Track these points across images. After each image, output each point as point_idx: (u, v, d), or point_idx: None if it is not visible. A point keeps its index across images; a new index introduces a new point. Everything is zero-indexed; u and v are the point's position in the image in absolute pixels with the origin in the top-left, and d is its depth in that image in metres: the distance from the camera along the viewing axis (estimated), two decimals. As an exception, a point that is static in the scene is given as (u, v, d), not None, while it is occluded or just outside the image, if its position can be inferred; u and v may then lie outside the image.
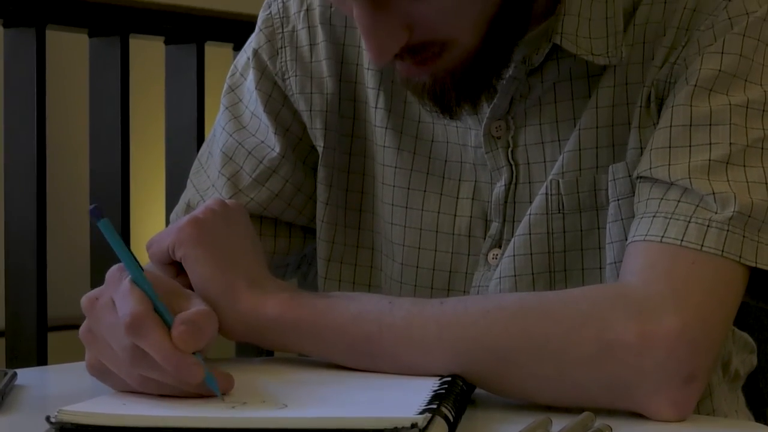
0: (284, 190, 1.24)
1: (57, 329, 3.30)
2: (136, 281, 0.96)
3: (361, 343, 1.02)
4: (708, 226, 1.01)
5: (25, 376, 1.08)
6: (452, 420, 0.88)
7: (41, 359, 2.61)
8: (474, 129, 1.17)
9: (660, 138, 1.06)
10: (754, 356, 1.32)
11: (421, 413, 0.85)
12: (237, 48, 2.92)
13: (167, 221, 1.32)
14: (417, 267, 1.20)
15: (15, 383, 1.06)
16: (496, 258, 1.16)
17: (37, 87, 2.61)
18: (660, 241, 1.02)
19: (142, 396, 0.96)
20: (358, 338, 1.02)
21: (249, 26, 1.31)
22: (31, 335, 2.61)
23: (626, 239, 1.07)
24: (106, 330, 0.96)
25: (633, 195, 1.09)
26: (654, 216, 1.03)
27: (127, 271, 0.97)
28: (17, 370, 1.08)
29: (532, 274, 1.14)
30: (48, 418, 0.87)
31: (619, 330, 0.97)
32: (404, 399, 0.91)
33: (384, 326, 1.01)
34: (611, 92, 1.12)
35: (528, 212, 1.14)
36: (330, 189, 1.23)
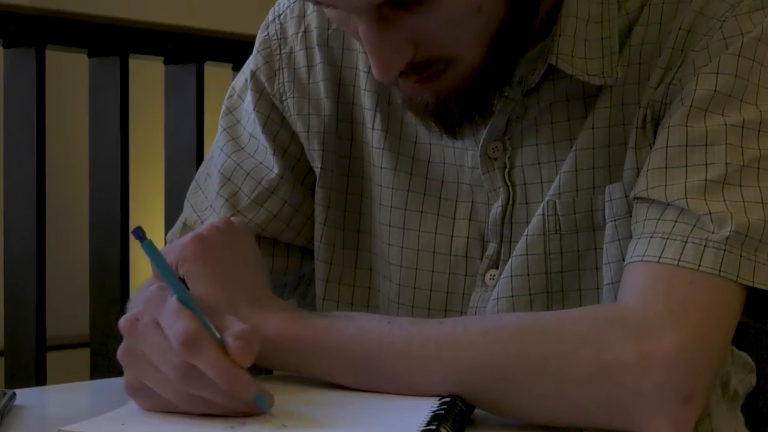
0: (282, 211, 1.24)
1: (56, 348, 3.30)
2: (183, 301, 0.96)
3: (361, 363, 1.02)
4: (705, 246, 1.02)
5: (25, 396, 1.08)
6: (451, 440, 0.88)
7: (40, 379, 2.60)
8: (471, 150, 1.17)
9: (656, 159, 1.07)
10: (753, 376, 1.32)
11: (420, 434, 0.86)
12: (236, 68, 2.93)
13: (166, 241, 1.33)
14: (414, 288, 1.20)
15: (14, 403, 1.06)
16: (494, 279, 1.16)
17: (37, 107, 2.61)
18: (657, 262, 1.02)
19: (142, 415, 0.96)
20: (358, 358, 1.02)
21: (248, 46, 1.31)
22: (31, 355, 2.60)
23: (623, 260, 1.07)
24: (152, 350, 0.96)
25: (630, 215, 1.09)
26: (651, 236, 1.04)
27: (171, 291, 0.97)
28: (16, 390, 1.07)
29: (530, 295, 1.14)
30: (47, 439, 0.87)
31: (618, 350, 0.97)
32: (403, 419, 0.92)
33: (383, 346, 1.02)
34: (607, 113, 1.12)
35: (525, 233, 1.14)
36: (328, 210, 1.24)
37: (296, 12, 1.26)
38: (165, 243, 1.30)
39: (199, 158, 2.86)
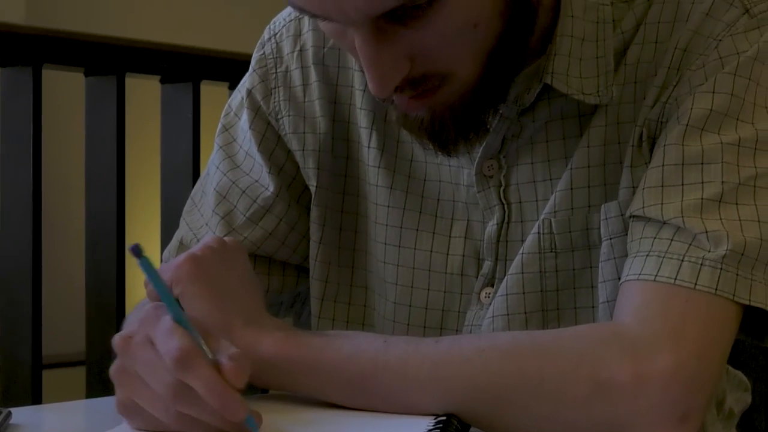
0: (278, 229, 1.24)
1: (52, 367, 3.29)
2: (177, 320, 0.96)
3: (356, 382, 1.02)
4: (701, 265, 1.02)
5: (20, 415, 1.08)
6: (446, 460, 0.88)
7: (36, 397, 2.60)
8: (466, 168, 1.17)
9: (652, 177, 1.07)
10: (749, 394, 1.31)
11: (416, 453, 0.86)
12: (232, 87, 2.94)
13: (161, 259, 1.33)
14: (410, 306, 1.20)
15: (10, 422, 1.05)
16: (489, 297, 1.16)
17: (34, 125, 2.61)
18: (654, 280, 1.02)
19: None
20: (353, 377, 1.02)
21: (244, 65, 1.31)
22: (26, 373, 2.60)
23: (619, 278, 1.07)
24: (144, 367, 0.96)
25: (625, 234, 1.09)
26: (647, 255, 1.04)
27: (166, 310, 0.97)
28: (12, 409, 1.07)
29: (525, 313, 1.14)
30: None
31: (614, 369, 0.97)
32: (398, 439, 0.91)
33: (379, 365, 1.02)
34: (603, 131, 1.12)
35: (520, 251, 1.14)
36: (323, 228, 1.24)
37: (292, 31, 1.26)
38: (161, 261, 1.30)
39: (195, 176, 2.86)
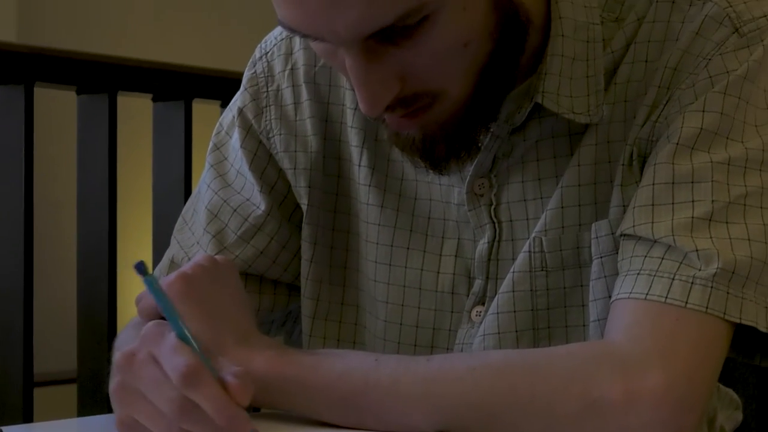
0: (269, 248, 1.24)
1: (43, 385, 3.28)
2: (182, 337, 0.96)
3: (348, 400, 1.02)
4: (692, 283, 1.02)
5: (11, 434, 1.08)
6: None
7: (27, 416, 2.59)
8: (457, 187, 1.17)
9: (643, 196, 1.07)
10: (740, 412, 1.32)
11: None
12: (224, 105, 2.94)
13: (154, 278, 1.32)
14: (400, 324, 1.20)
15: (0, 441, 1.06)
16: (480, 315, 1.16)
17: (25, 144, 2.62)
18: (644, 299, 1.02)
19: None
20: (345, 395, 1.02)
21: (236, 84, 1.32)
22: (18, 391, 2.60)
23: (610, 296, 1.07)
24: (148, 384, 0.96)
25: (616, 252, 1.09)
26: (638, 273, 1.04)
27: (169, 327, 0.97)
28: (3, 428, 1.07)
29: (516, 332, 1.14)
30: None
31: (605, 388, 0.97)
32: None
33: (370, 383, 1.02)
34: (593, 150, 1.13)
35: (511, 270, 1.14)
36: (315, 247, 1.24)
37: (283, 50, 1.26)
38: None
39: (187, 194, 2.86)
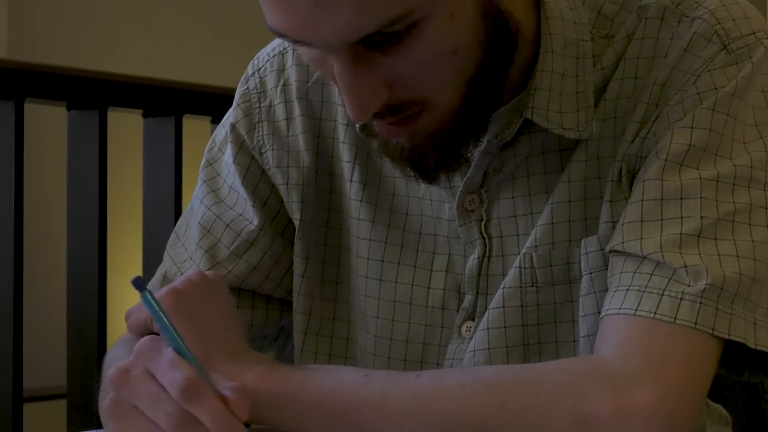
0: (262, 263, 1.24)
1: (33, 400, 3.28)
2: (179, 351, 0.96)
3: (338, 417, 1.02)
4: (681, 299, 1.02)
5: (1, 450, 1.08)
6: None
7: (17, 431, 2.59)
8: (448, 202, 1.18)
9: (632, 212, 1.07)
10: (729, 428, 1.32)
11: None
12: (215, 121, 2.94)
13: (144, 293, 1.32)
14: (391, 339, 1.20)
15: (-9, 456, 1.05)
16: (470, 331, 1.17)
17: (16, 159, 2.62)
18: (634, 315, 1.02)
19: None
20: (335, 411, 1.02)
21: (226, 99, 1.32)
22: (7, 407, 2.59)
23: (599, 312, 1.07)
24: (144, 400, 0.96)
25: (605, 268, 1.09)
26: (627, 289, 1.04)
27: (165, 343, 0.97)
28: (-7, 444, 1.07)
29: (506, 347, 1.14)
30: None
31: (595, 404, 0.97)
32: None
33: (360, 399, 1.02)
34: (583, 166, 1.13)
35: (501, 285, 1.15)
36: (307, 262, 1.24)
37: (275, 66, 1.27)
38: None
39: (178, 210, 2.86)
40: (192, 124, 2.99)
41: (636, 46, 1.13)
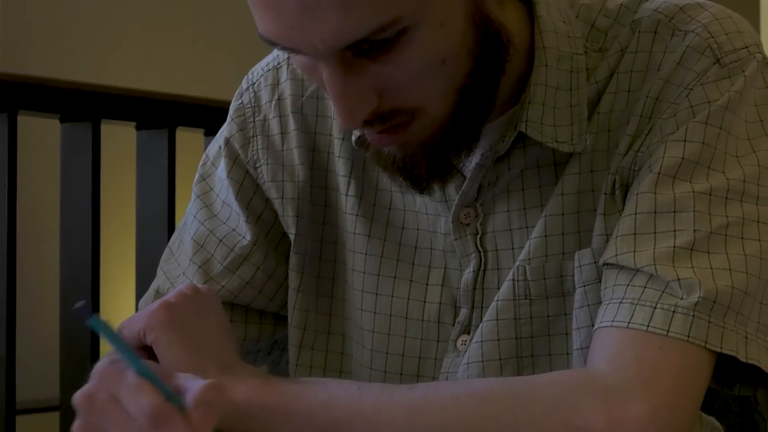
0: (255, 278, 1.24)
1: (26, 413, 3.27)
2: (141, 373, 0.95)
3: (331, 429, 1.02)
4: (674, 312, 1.02)
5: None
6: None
7: (9, 444, 2.58)
8: (443, 216, 1.18)
9: (625, 225, 1.07)
10: (722, 441, 1.32)
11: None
12: (208, 133, 2.94)
13: (137, 307, 1.32)
14: (386, 353, 1.20)
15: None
16: (465, 344, 1.17)
17: (9, 172, 2.61)
18: (627, 327, 1.03)
19: None
20: (328, 424, 1.02)
21: (220, 112, 1.32)
22: (0, 419, 2.58)
23: (593, 325, 1.07)
24: (113, 425, 0.96)
25: (599, 281, 1.10)
26: (620, 302, 1.04)
27: (128, 364, 0.96)
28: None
29: (500, 360, 1.14)
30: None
31: (588, 416, 0.97)
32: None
33: (353, 412, 1.02)
34: (577, 179, 1.13)
35: (495, 298, 1.15)
36: (302, 276, 1.24)
37: (270, 80, 1.27)
38: (137, 309, 1.30)
39: (171, 224, 2.85)
40: (185, 137, 2.99)
41: (629, 60, 1.13)
